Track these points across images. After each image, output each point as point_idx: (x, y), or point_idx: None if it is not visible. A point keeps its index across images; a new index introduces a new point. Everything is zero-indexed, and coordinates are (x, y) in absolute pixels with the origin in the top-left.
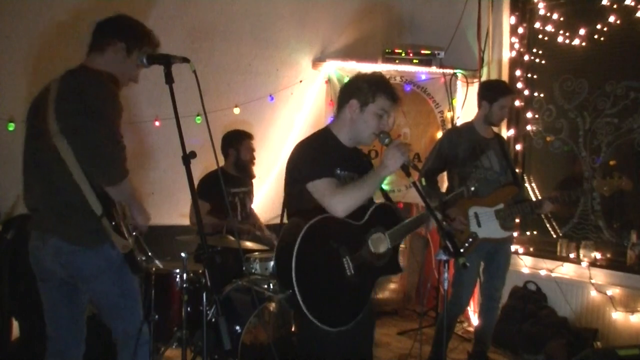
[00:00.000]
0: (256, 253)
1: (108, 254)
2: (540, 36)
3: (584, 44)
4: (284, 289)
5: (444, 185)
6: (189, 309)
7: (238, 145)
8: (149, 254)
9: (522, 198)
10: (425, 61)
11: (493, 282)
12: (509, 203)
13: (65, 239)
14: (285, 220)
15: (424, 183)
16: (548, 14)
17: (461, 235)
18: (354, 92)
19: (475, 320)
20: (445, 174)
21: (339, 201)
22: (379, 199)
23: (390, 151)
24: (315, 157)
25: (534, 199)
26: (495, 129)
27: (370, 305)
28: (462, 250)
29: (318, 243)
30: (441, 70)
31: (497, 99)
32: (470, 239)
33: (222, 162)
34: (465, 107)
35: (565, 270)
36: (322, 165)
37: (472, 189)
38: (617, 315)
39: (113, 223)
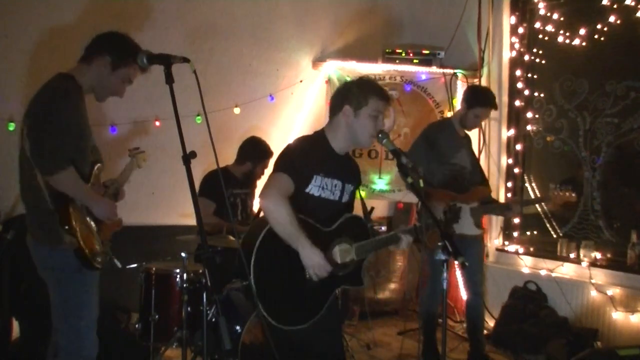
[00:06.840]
0: None
1: (62, 255)
2: (540, 36)
3: (584, 44)
4: (242, 279)
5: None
6: (189, 309)
7: (257, 163)
8: (111, 255)
9: (491, 199)
10: (426, 61)
11: (472, 278)
12: (481, 202)
13: (31, 233)
14: None
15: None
16: (548, 14)
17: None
18: (345, 97)
19: None
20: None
21: (273, 203)
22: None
23: (307, 261)
24: (296, 156)
25: (525, 198)
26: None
27: (336, 312)
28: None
29: (281, 241)
30: (441, 70)
31: (474, 107)
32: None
33: (230, 161)
34: None
35: (565, 270)
36: (296, 165)
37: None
38: (617, 315)
39: (61, 218)
